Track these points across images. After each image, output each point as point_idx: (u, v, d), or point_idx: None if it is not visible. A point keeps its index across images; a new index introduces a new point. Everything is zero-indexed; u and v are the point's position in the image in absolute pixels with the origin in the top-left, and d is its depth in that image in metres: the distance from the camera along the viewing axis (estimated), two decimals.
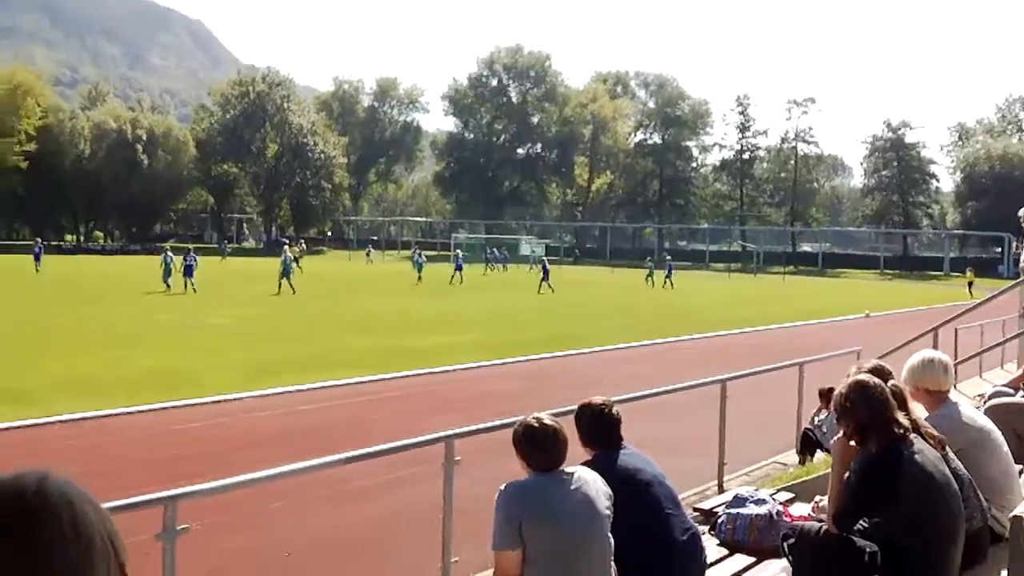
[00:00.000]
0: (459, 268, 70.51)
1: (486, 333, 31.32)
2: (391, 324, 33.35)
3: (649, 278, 73.93)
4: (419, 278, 68.78)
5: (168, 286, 51.10)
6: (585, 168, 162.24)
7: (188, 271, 52.98)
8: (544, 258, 72.09)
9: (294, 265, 55.95)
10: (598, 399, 6.35)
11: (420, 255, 76.70)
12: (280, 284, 52.01)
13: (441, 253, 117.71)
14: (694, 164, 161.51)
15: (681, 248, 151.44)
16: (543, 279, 62.39)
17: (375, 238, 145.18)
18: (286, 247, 66.23)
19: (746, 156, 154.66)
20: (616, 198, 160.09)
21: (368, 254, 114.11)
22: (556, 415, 5.76)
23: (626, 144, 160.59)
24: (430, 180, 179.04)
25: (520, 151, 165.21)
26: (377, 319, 35.04)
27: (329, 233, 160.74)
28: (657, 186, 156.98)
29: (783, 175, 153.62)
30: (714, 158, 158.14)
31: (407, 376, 21.22)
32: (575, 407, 6.37)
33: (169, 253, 55.59)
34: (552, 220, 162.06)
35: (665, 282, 70.95)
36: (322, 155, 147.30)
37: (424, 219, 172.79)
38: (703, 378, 12.63)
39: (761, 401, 15.36)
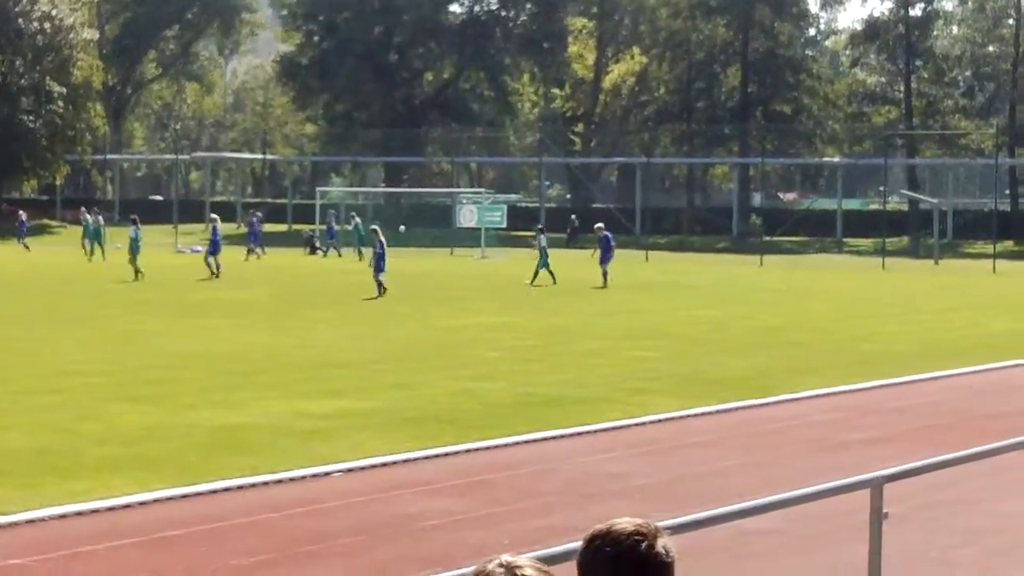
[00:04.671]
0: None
1: (373, 392, 20.12)
2: (201, 374, 22.13)
3: (543, 268, 43.29)
4: (135, 271, 42.52)
5: None
6: (590, 44, 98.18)
7: None
8: (375, 228, 41.12)
9: None
10: (626, 524, 3.53)
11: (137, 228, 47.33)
12: None
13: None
14: (811, 32, 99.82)
15: (782, 206, 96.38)
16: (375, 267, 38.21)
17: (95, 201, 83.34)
18: None
19: (917, 13, 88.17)
20: (656, 104, 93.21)
21: (90, 227, 58.33)
22: (549, 559, 4.37)
23: None
24: (270, 74, 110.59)
25: (456, 10, 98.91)
26: (175, 366, 23.17)
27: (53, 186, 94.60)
28: (738, 78, 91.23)
29: (991, 49, 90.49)
30: (851, 18, 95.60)
31: (237, 488, 13.70)
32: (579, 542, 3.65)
33: None
34: (524, 154, 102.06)
35: (602, 279, 42.16)
36: (48, 25, 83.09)
37: (260, 156, 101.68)
38: (842, 474, 8.42)
39: (954, 518, 11.71)
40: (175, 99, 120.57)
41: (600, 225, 45.13)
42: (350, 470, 15.00)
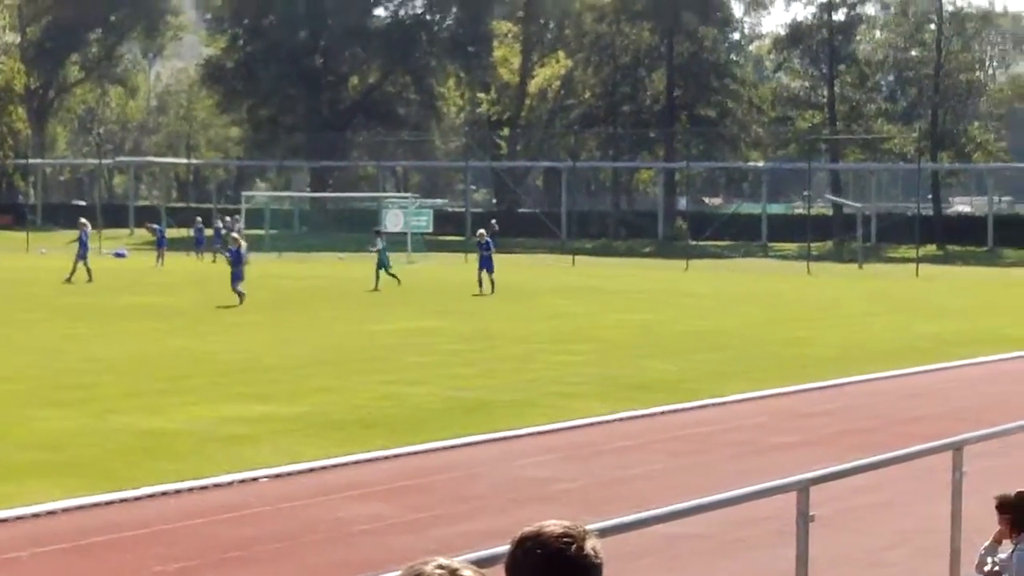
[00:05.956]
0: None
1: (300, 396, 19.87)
2: (125, 379, 21.68)
3: (383, 270, 43.56)
4: None
5: None
6: (515, 48, 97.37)
7: None
8: (235, 234, 41.72)
9: None
10: (555, 526, 3.55)
11: None
12: None
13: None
14: (735, 36, 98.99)
15: (707, 210, 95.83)
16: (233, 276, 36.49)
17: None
18: None
19: (840, 18, 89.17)
20: (582, 108, 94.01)
21: None
22: (478, 562, 3.97)
23: None
24: (195, 78, 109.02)
25: (381, 14, 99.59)
26: (99, 371, 22.70)
27: None
28: (663, 82, 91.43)
29: (914, 54, 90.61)
30: (775, 23, 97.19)
31: (162, 494, 13.40)
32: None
33: None
34: (450, 158, 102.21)
35: (486, 283, 41.59)
36: None
37: (184, 160, 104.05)
38: (769, 477, 7.93)
39: (879, 520, 11.92)
40: (98, 103, 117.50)
41: (482, 232, 44.72)
42: (277, 475, 14.66)
